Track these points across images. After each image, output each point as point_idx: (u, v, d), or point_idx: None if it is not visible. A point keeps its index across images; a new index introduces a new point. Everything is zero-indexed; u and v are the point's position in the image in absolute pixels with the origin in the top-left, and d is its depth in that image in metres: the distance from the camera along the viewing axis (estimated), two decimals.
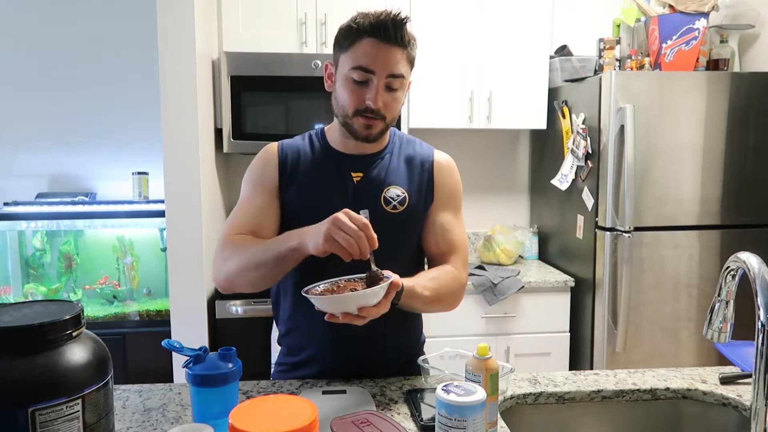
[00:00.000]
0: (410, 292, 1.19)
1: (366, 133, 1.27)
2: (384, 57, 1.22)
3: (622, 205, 2.45)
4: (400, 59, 1.24)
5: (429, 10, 2.80)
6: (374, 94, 1.23)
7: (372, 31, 1.22)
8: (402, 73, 1.24)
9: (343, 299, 1.06)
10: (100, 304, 2.88)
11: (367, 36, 1.22)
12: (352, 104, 1.25)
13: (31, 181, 3.10)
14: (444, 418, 0.94)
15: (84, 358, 0.86)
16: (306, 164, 1.35)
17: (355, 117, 1.26)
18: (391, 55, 1.22)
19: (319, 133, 1.41)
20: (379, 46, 1.22)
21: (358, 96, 1.24)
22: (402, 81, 1.26)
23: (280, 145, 1.38)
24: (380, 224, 1.29)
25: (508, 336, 2.70)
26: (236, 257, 1.24)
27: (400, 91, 1.27)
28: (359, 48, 1.23)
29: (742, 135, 2.53)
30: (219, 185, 2.78)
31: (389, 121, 1.29)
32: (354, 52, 1.23)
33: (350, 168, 1.34)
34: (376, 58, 1.22)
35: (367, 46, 1.22)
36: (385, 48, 1.22)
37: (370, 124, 1.26)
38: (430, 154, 1.40)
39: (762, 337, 0.95)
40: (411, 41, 1.26)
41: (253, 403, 0.92)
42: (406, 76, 1.26)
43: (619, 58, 2.74)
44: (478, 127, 2.89)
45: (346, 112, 1.27)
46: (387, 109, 1.26)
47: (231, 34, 2.71)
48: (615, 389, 1.32)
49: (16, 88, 3.06)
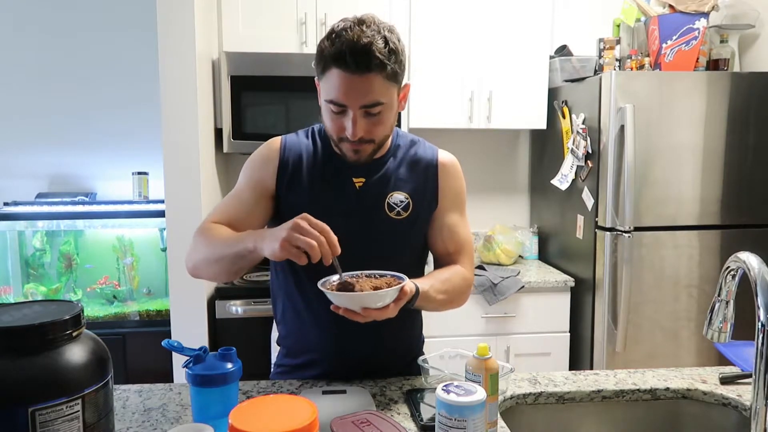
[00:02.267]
0: (425, 296, 1.18)
1: (355, 158, 1.24)
2: (353, 89, 1.14)
3: (622, 205, 2.45)
4: (372, 85, 1.14)
5: (429, 10, 2.80)
6: (351, 126, 1.17)
7: (335, 63, 1.13)
8: (377, 100, 1.16)
9: (344, 297, 1.06)
10: (100, 304, 2.88)
11: (333, 66, 1.14)
12: (335, 132, 1.22)
13: (31, 181, 3.10)
14: (444, 418, 0.94)
15: (84, 358, 0.86)
16: (307, 167, 1.32)
17: (342, 143, 1.23)
18: (361, 85, 1.14)
19: (323, 131, 1.36)
20: (345, 77, 1.13)
21: (338, 125, 1.20)
22: (381, 106, 1.18)
23: (283, 143, 1.34)
24: (384, 230, 1.29)
25: (508, 336, 2.70)
26: (203, 247, 1.24)
27: (384, 113, 1.20)
28: (329, 79, 1.16)
29: (742, 135, 2.53)
30: (219, 185, 2.78)
31: (379, 142, 1.24)
32: (326, 82, 1.18)
33: (352, 173, 1.31)
34: (346, 92, 1.15)
35: (334, 78, 1.15)
36: (352, 78, 1.13)
37: (357, 149, 1.22)
38: (434, 157, 1.37)
39: (762, 337, 0.95)
40: (384, 60, 1.13)
41: (253, 403, 0.92)
42: (385, 99, 1.18)
43: (619, 58, 2.74)
44: (478, 127, 2.89)
45: (332, 137, 1.24)
46: (371, 134, 1.21)
47: (231, 34, 2.71)
48: (615, 389, 1.32)
49: (16, 88, 3.06)
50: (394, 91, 1.21)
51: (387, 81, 1.17)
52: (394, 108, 1.24)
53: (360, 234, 1.28)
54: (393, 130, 1.30)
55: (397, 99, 1.24)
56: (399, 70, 1.20)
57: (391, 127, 1.26)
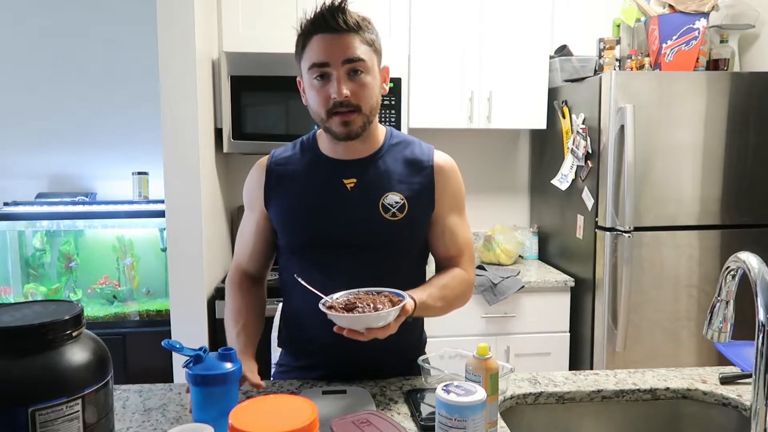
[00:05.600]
0: (423, 306, 1.18)
1: (345, 131, 1.22)
2: (334, 46, 1.19)
3: (622, 205, 2.45)
4: (352, 43, 1.20)
5: (429, 10, 2.80)
6: (336, 85, 1.19)
7: (315, 28, 1.20)
8: (358, 55, 1.20)
9: (350, 319, 1.07)
10: (100, 304, 2.88)
11: (312, 34, 1.21)
12: (321, 104, 1.22)
13: (31, 181, 3.10)
14: (444, 418, 0.94)
15: (84, 358, 0.86)
16: (295, 175, 1.32)
17: (330, 118, 1.22)
18: (340, 42, 1.19)
19: (311, 138, 1.36)
20: (326, 38, 1.19)
21: (324, 94, 1.21)
22: (364, 64, 1.21)
23: (269, 159, 1.36)
24: (379, 232, 1.28)
25: (508, 336, 2.70)
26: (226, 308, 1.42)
27: (366, 75, 1.21)
28: (310, 48, 1.21)
29: (742, 135, 2.53)
30: (219, 185, 2.78)
31: (367, 111, 1.23)
32: (307, 53, 1.22)
33: (342, 174, 1.29)
34: (327, 50, 1.19)
35: (315, 43, 1.20)
36: (332, 38, 1.19)
37: (346, 120, 1.21)
38: (430, 157, 1.34)
39: (762, 337, 0.95)
40: (361, 24, 1.21)
41: (253, 403, 0.92)
42: (366, 58, 1.21)
43: (619, 58, 2.74)
44: (478, 127, 2.89)
45: (321, 115, 1.24)
46: (357, 97, 1.20)
47: (231, 34, 2.71)
48: (615, 389, 1.32)
49: (16, 89, 3.06)
50: (374, 59, 1.25)
51: (365, 45, 1.22)
52: (376, 77, 1.25)
53: (355, 236, 1.27)
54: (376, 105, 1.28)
55: (379, 74, 1.26)
56: (375, 38, 1.25)
57: (376, 99, 1.26)
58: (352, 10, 1.22)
